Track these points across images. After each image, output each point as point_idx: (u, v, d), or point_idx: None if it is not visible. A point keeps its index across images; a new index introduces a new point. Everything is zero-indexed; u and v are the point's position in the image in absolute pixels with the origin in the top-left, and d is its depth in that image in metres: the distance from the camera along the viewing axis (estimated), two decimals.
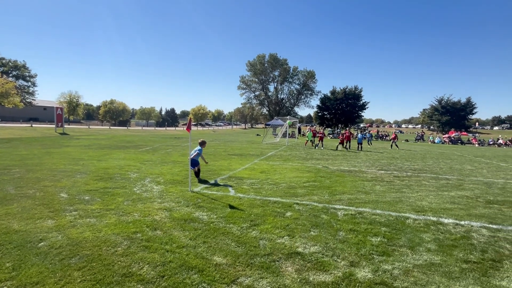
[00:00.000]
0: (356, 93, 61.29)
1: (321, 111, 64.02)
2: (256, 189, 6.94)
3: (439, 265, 3.44)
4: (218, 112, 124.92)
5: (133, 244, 3.69)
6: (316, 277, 3.07)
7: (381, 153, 18.96)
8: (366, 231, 4.44)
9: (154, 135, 35.03)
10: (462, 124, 65.04)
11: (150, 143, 20.17)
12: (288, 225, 4.59)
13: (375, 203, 6.12)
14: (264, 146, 21.25)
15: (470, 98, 66.28)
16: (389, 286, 2.95)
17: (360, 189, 7.44)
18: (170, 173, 8.65)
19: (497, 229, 4.79)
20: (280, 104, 65.96)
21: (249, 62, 64.55)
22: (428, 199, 6.60)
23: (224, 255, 3.49)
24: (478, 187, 8.23)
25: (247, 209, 5.33)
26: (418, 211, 5.62)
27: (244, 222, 4.64)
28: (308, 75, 63.88)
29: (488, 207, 6.12)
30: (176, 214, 4.87)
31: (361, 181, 8.48)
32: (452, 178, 9.74)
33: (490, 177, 10.28)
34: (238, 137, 35.68)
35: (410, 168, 11.89)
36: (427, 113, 74.95)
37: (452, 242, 4.15)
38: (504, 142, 38.99)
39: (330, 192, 6.95)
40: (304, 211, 5.33)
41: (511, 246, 4.11)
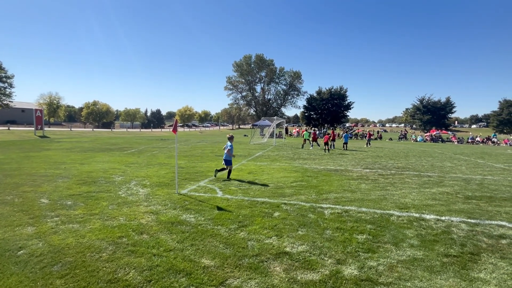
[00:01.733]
0: (341, 93, 62.31)
1: (308, 111, 64.69)
2: (244, 190, 6.94)
3: (422, 260, 3.56)
4: (205, 113, 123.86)
5: (118, 249, 3.61)
6: (304, 276, 3.11)
7: (366, 152, 19.37)
8: (352, 229, 4.53)
9: (139, 137, 34.37)
10: (442, 123, 67.42)
11: (135, 145, 19.78)
12: (276, 225, 4.62)
13: (361, 201, 6.25)
14: (252, 146, 21.28)
15: (450, 97, 68.87)
16: (374, 282, 3.02)
17: (346, 187, 7.58)
18: (156, 176, 8.51)
19: (475, 224, 5.00)
20: (267, 105, 66.20)
21: (236, 63, 64.44)
22: (411, 196, 6.80)
23: (212, 257, 3.47)
24: (458, 184, 8.56)
25: (235, 210, 5.33)
26: (401, 208, 5.79)
27: (232, 223, 4.63)
28: (295, 76, 64.44)
29: (466, 203, 6.37)
30: (163, 217, 4.80)
31: (347, 180, 8.64)
32: (433, 175, 10.08)
33: (468, 173, 10.71)
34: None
35: (394, 166, 12.22)
36: (410, 113, 77.24)
37: (434, 237, 4.30)
38: (481, 139, 40.69)
39: (317, 191, 7.04)
40: (292, 211, 5.38)
41: (488, 239, 4.30)
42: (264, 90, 66.48)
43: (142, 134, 43.01)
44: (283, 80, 66.12)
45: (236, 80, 64.56)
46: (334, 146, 21.84)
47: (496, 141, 39.82)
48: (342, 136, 26.31)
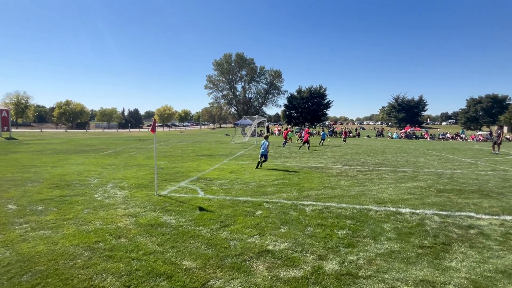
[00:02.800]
0: (320, 92, 63.60)
1: (289, 110, 65.46)
2: (225, 190, 6.89)
3: (398, 252, 3.69)
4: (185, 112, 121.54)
5: (94, 254, 3.46)
6: (287, 273, 3.13)
7: (345, 149, 19.87)
8: (333, 225, 4.63)
9: (116, 137, 33.19)
10: (416, 120, 70.61)
11: (112, 146, 19.08)
12: (258, 223, 4.62)
13: (341, 197, 6.40)
14: (233, 145, 21.18)
15: (422, 96, 72.26)
16: (354, 276, 3.10)
17: (327, 184, 7.73)
18: (135, 177, 8.25)
19: (447, 215, 5.27)
20: (248, 104, 66.18)
21: (216, 61, 63.84)
22: (388, 191, 7.05)
23: (194, 258, 3.41)
24: (430, 178, 8.98)
25: (217, 210, 5.28)
26: (379, 203, 5.98)
27: (214, 223, 4.58)
28: (275, 75, 64.88)
29: (438, 196, 6.70)
30: (142, 220, 4.66)
31: (327, 177, 8.81)
32: (408, 170, 10.52)
33: (440, 168, 11.27)
34: (207, 137, 35.13)
35: (372, 162, 12.62)
36: (386, 111, 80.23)
37: (409, 230, 4.48)
38: (451, 136, 43.02)
39: (298, 189, 7.12)
40: (274, 209, 5.41)
41: (458, 230, 4.55)
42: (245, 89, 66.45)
43: (120, 135, 41.58)
44: (263, 79, 66.43)
45: (216, 79, 64.02)
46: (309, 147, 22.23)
47: (464, 137, 42.26)
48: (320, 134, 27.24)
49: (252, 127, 26.87)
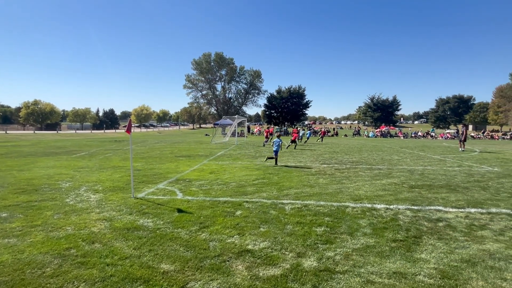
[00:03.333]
0: (300, 92, 64.56)
1: (269, 110, 65.87)
2: (205, 191, 6.82)
3: (373, 247, 3.83)
4: (164, 113, 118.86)
5: (65, 262, 3.30)
6: (266, 272, 3.15)
7: (323, 148, 20.31)
8: (312, 222, 4.71)
9: (90, 138, 31.83)
10: (390, 120, 73.57)
11: (86, 148, 18.26)
12: (238, 223, 4.61)
13: (319, 195, 6.53)
14: (213, 146, 21.00)
15: (396, 96, 75.41)
16: (332, 272, 3.17)
17: (306, 183, 7.87)
18: (110, 180, 7.95)
19: (418, 210, 5.54)
20: (228, 104, 65.85)
21: (195, 61, 62.90)
22: (364, 188, 7.29)
23: (172, 261, 3.35)
24: (403, 174, 9.40)
25: (196, 211, 5.20)
26: (356, 200, 6.17)
27: (193, 225, 4.51)
28: (255, 75, 65.03)
29: (411, 191, 7.02)
30: (118, 224, 4.50)
31: (306, 176, 8.96)
32: (383, 168, 10.94)
33: (412, 165, 11.83)
34: (186, 138, 34.57)
35: (349, 161, 13.00)
36: (362, 110, 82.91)
37: (384, 225, 4.66)
38: (422, 134, 45.28)
39: (278, 188, 7.19)
40: (254, 209, 5.42)
41: (428, 223, 4.79)
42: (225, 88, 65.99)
43: (94, 136, 39.91)
44: (243, 79, 66.35)
45: (195, 79, 63.03)
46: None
47: (434, 135, 44.63)
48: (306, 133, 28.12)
49: (232, 127, 26.78)
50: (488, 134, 45.01)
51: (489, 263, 3.43)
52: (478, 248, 3.84)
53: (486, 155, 16.63)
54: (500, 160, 13.77)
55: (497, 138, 42.64)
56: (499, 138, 42.79)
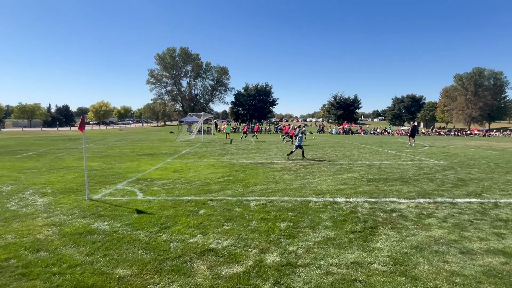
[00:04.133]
0: (267, 89, 65.30)
1: (236, 107, 65.73)
2: (168, 190, 6.57)
3: (333, 239, 3.98)
4: (125, 109, 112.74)
5: (3, 275, 2.95)
6: (229, 270, 3.11)
7: (290, 144, 20.73)
8: (276, 218, 4.77)
9: (40, 137, 29.11)
10: (352, 117, 77.54)
11: (34, 147, 16.65)
12: (202, 222, 4.51)
13: (284, 191, 6.64)
14: (178, 144, 20.38)
15: (357, 95, 79.60)
16: (293, 265, 3.23)
17: (271, 179, 7.95)
18: (62, 181, 7.32)
19: (375, 202, 5.88)
20: (194, 100, 64.32)
21: (158, 55, 60.32)
22: (326, 183, 7.57)
23: (129, 265, 3.16)
24: (363, 169, 9.94)
25: (157, 212, 4.99)
26: (318, 194, 6.38)
27: (153, 226, 4.31)
28: (222, 71, 64.23)
29: (369, 185, 7.44)
30: (68, 229, 4.15)
31: (272, 172, 9.07)
32: (344, 163, 11.46)
33: (371, 160, 12.56)
34: (149, 136, 33.16)
35: (313, 157, 13.42)
36: (326, 108, 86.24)
37: (343, 218, 4.87)
38: (380, 131, 48.38)
39: (243, 185, 7.18)
40: (218, 207, 5.34)
41: (383, 214, 5.11)
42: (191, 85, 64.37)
43: (45, 134, 36.57)
44: (210, 76, 65.20)
45: (159, 74, 60.50)
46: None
47: (391, 132, 47.93)
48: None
49: (199, 124, 26.22)
50: (436, 131, 49.45)
51: (434, 248, 3.74)
52: (425, 235, 4.17)
53: (434, 149, 18.23)
54: (445, 154, 15.18)
55: (444, 134, 47.04)
56: (445, 134, 47.25)
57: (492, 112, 67.90)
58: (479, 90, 66.72)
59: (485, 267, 3.27)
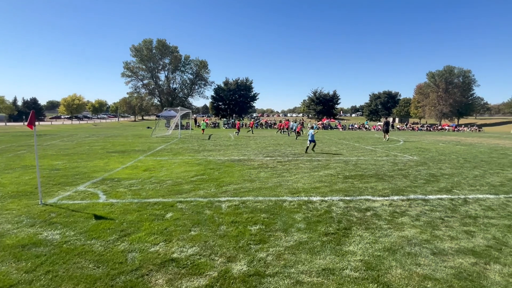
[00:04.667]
0: (247, 84, 64.74)
1: (216, 102, 64.72)
2: (134, 191, 6.13)
3: (306, 243, 3.79)
4: (100, 103, 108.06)
5: None
6: (190, 284, 2.82)
7: (269, 140, 20.59)
8: (247, 221, 4.52)
9: (2, 132, 27.04)
10: (331, 113, 78.83)
11: None
12: (167, 228, 4.17)
13: (258, 190, 6.41)
14: (154, 140, 19.61)
15: (336, 90, 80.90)
16: (262, 276, 3.00)
17: (247, 177, 7.70)
18: (16, 183, 6.66)
19: (350, 200, 5.79)
20: (173, 94, 62.51)
21: (134, 47, 57.78)
22: (302, 181, 7.42)
23: (75, 283, 2.79)
24: (339, 165, 9.92)
25: (119, 217, 4.58)
26: (293, 193, 6.21)
27: (111, 234, 3.92)
28: (201, 65, 62.74)
29: (345, 182, 7.38)
30: (10, 240, 3.66)
31: (248, 170, 8.82)
32: (322, 159, 11.43)
33: (348, 156, 12.63)
34: (124, 131, 31.81)
35: (291, 153, 13.31)
36: (306, 104, 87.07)
37: (317, 218, 4.71)
38: (358, 126, 49.51)
39: (217, 184, 6.87)
40: (187, 209, 5.01)
41: (358, 213, 5.01)
42: (169, 78, 62.38)
43: (7, 129, 34.09)
44: (189, 69, 63.48)
45: (135, 67, 58.05)
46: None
47: (368, 127, 49.20)
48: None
49: (176, 119, 25.41)
50: (410, 126, 51.37)
51: (406, 250, 3.65)
52: (398, 235, 4.09)
53: (408, 144, 18.78)
54: (418, 150, 15.63)
55: (417, 129, 48.96)
56: (418, 129, 49.20)
57: (461, 109, 71.55)
58: (449, 87, 69.99)
59: (456, 269, 3.21)
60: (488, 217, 4.98)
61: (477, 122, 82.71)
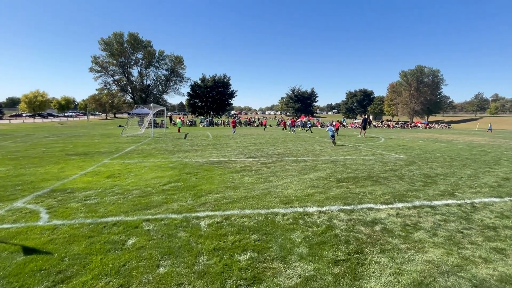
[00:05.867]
0: (225, 81, 63.18)
1: (192, 99, 62.59)
2: (90, 207, 4.91)
3: (314, 279, 2.88)
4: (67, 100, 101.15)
5: None
6: None
7: (249, 139, 19.62)
8: (234, 246, 3.53)
9: None
10: (309, 110, 79.35)
11: None
12: (126, 264, 3.08)
13: (244, 200, 5.43)
14: (124, 139, 17.90)
15: (314, 88, 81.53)
16: None
17: (229, 184, 6.68)
18: None
19: (351, 210, 4.98)
20: (147, 91, 59.37)
21: (103, 40, 53.94)
22: (293, 186, 6.54)
23: None
24: (328, 166, 9.17)
25: (61, 248, 3.40)
26: (285, 203, 5.29)
27: (43, 280, 2.77)
28: (176, 61, 60.10)
29: (339, 187, 6.59)
30: None
31: (230, 174, 7.79)
32: (308, 159, 10.66)
33: (334, 155, 11.98)
34: (93, 130, 29.37)
35: (275, 153, 12.44)
36: (284, 101, 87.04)
37: (320, 238, 3.82)
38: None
39: (194, 193, 5.79)
40: (156, 232, 3.92)
41: (365, 228, 4.19)
42: (142, 74, 59.11)
43: None
44: (163, 65, 60.51)
45: (105, 61, 54.31)
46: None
47: (345, 125, 49.76)
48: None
49: (149, 117, 23.67)
50: (385, 124, 52.69)
51: (441, 283, 2.85)
52: (423, 260, 3.30)
53: (390, 142, 18.65)
54: (401, 147, 15.40)
55: (392, 127, 50.29)
56: (393, 127, 50.56)
57: (431, 106, 74.94)
58: (420, 86, 72.94)
59: None
60: (507, 227, 4.38)
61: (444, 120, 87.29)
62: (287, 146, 15.08)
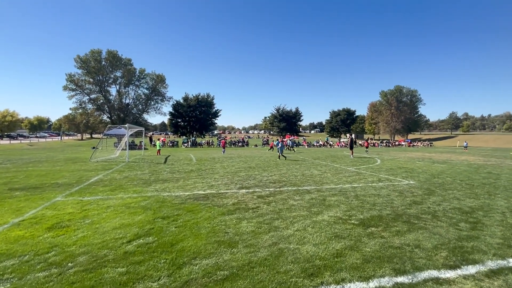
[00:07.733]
0: (208, 100, 61.78)
1: (175, 119, 60.38)
2: None
3: None
4: (39, 120, 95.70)
5: None
6: None
7: (237, 162, 17.81)
8: None
9: None
10: (294, 129, 78.97)
11: None
12: None
13: (248, 269, 3.61)
14: (92, 165, 15.53)
15: (298, 108, 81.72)
16: None
17: (222, 235, 4.83)
18: None
19: (411, 285, 3.29)
20: (126, 110, 56.58)
21: (80, 58, 51.33)
22: (309, 237, 4.79)
23: None
24: (340, 200, 7.53)
25: None
26: (311, 275, 3.52)
27: None
28: (158, 79, 58.22)
29: (370, 236, 4.92)
30: None
31: (221, 217, 5.94)
32: (311, 189, 8.99)
33: (338, 182, 10.41)
34: (61, 153, 26.43)
35: (270, 180, 10.71)
36: (269, 120, 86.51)
37: None
38: (323, 143, 49.26)
39: (171, 259, 3.90)
40: None
41: None
42: (121, 93, 56.48)
43: None
44: (144, 83, 58.42)
45: (81, 79, 51.45)
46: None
47: (331, 144, 49.16)
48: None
49: (125, 138, 21.37)
50: (371, 142, 52.69)
51: None
52: None
53: (388, 163, 17.47)
54: (403, 170, 14.16)
55: (377, 145, 50.25)
56: (378, 145, 50.55)
57: (410, 125, 76.86)
58: (400, 105, 74.98)
59: None
60: None
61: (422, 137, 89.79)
62: (281, 171, 13.39)
